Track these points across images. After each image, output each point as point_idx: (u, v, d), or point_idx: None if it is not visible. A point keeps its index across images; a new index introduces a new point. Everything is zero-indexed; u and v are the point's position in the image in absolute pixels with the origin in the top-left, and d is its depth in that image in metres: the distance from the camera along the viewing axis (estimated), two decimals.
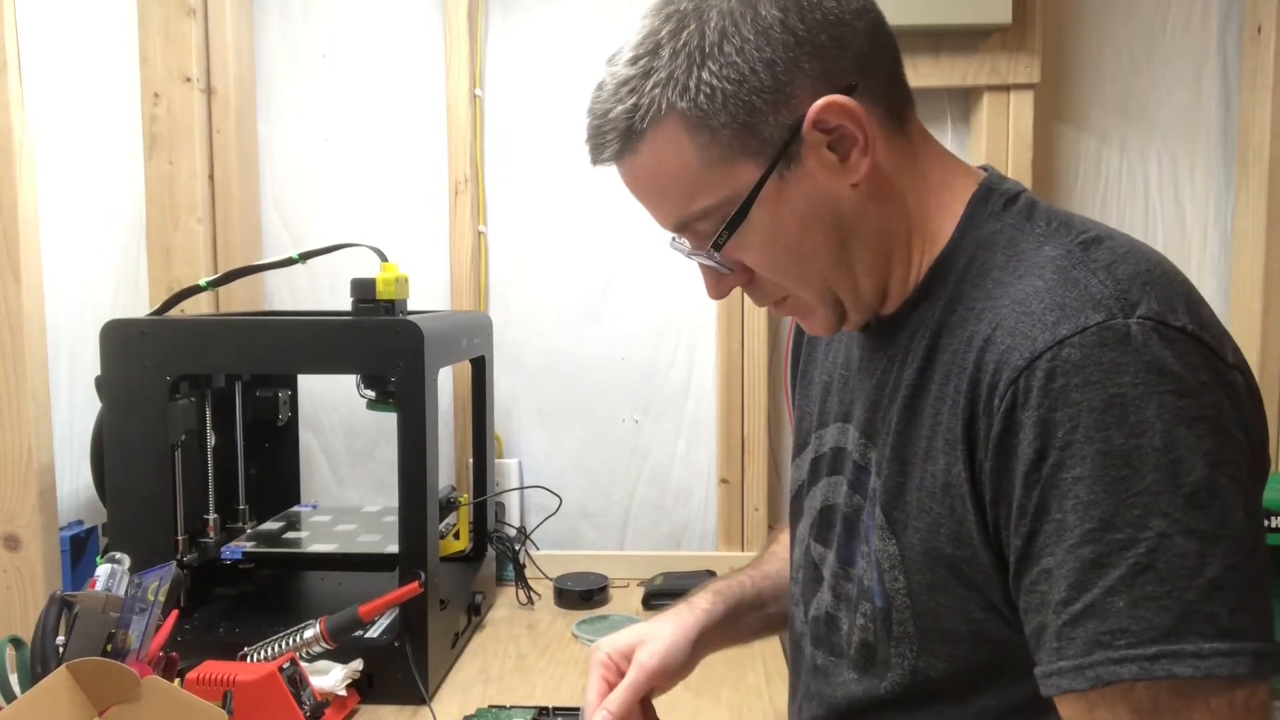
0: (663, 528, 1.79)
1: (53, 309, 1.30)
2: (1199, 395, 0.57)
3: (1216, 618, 0.54)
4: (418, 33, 1.74)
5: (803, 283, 0.73)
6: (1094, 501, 0.56)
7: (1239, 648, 0.54)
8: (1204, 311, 0.62)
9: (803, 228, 0.69)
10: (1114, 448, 0.56)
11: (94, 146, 1.52)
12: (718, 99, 0.66)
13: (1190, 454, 0.56)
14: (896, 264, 0.74)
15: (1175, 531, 0.55)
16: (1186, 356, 0.58)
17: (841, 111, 0.66)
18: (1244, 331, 1.64)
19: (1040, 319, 0.61)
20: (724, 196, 0.69)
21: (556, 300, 1.77)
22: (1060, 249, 0.65)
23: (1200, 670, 0.54)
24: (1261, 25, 1.61)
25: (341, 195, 1.77)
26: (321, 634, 1.11)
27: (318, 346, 1.22)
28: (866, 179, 0.69)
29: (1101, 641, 0.56)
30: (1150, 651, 0.54)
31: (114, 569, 0.95)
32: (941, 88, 1.65)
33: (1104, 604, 0.56)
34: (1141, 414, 0.56)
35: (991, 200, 0.72)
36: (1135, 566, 0.55)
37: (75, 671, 0.76)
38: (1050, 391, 0.58)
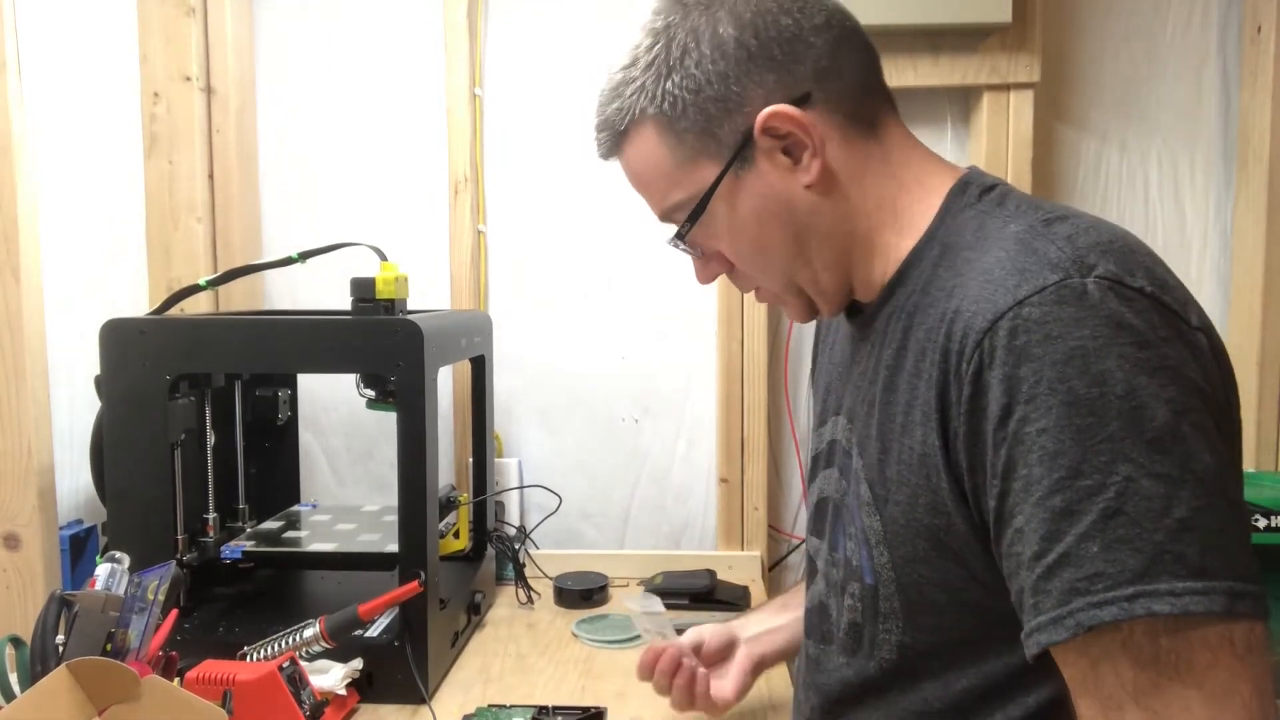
0: (663, 527, 1.79)
1: (53, 309, 1.30)
2: (1159, 347, 0.58)
3: (1186, 557, 0.55)
4: (418, 32, 1.74)
5: (766, 274, 0.81)
6: (1060, 451, 0.57)
7: (1212, 586, 0.55)
8: (1168, 278, 0.63)
9: (760, 223, 0.77)
10: (1077, 397, 0.57)
11: (94, 146, 1.52)
12: (678, 106, 0.75)
13: (1152, 400, 0.57)
14: (859, 259, 0.79)
15: (1141, 475, 0.56)
16: (1145, 314, 0.59)
17: (788, 119, 0.73)
18: (1244, 331, 1.64)
19: (1001, 284, 0.63)
20: (691, 193, 0.77)
21: (556, 300, 1.77)
22: (1023, 225, 0.68)
23: (1176, 607, 0.54)
24: (1261, 25, 1.61)
25: (341, 195, 1.78)
26: (321, 633, 1.11)
27: (318, 346, 1.22)
28: (819, 180, 0.75)
29: (1079, 589, 0.56)
30: (1128, 592, 0.55)
31: (114, 568, 0.95)
32: (941, 88, 1.65)
33: (1077, 551, 0.56)
34: (1102, 364, 0.57)
35: (968, 192, 0.75)
36: (1105, 511, 0.56)
37: (75, 671, 0.76)
38: (1013, 349, 0.60)
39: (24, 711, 0.74)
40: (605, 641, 1.42)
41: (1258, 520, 1.39)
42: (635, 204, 0.86)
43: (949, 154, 1.71)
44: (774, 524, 1.76)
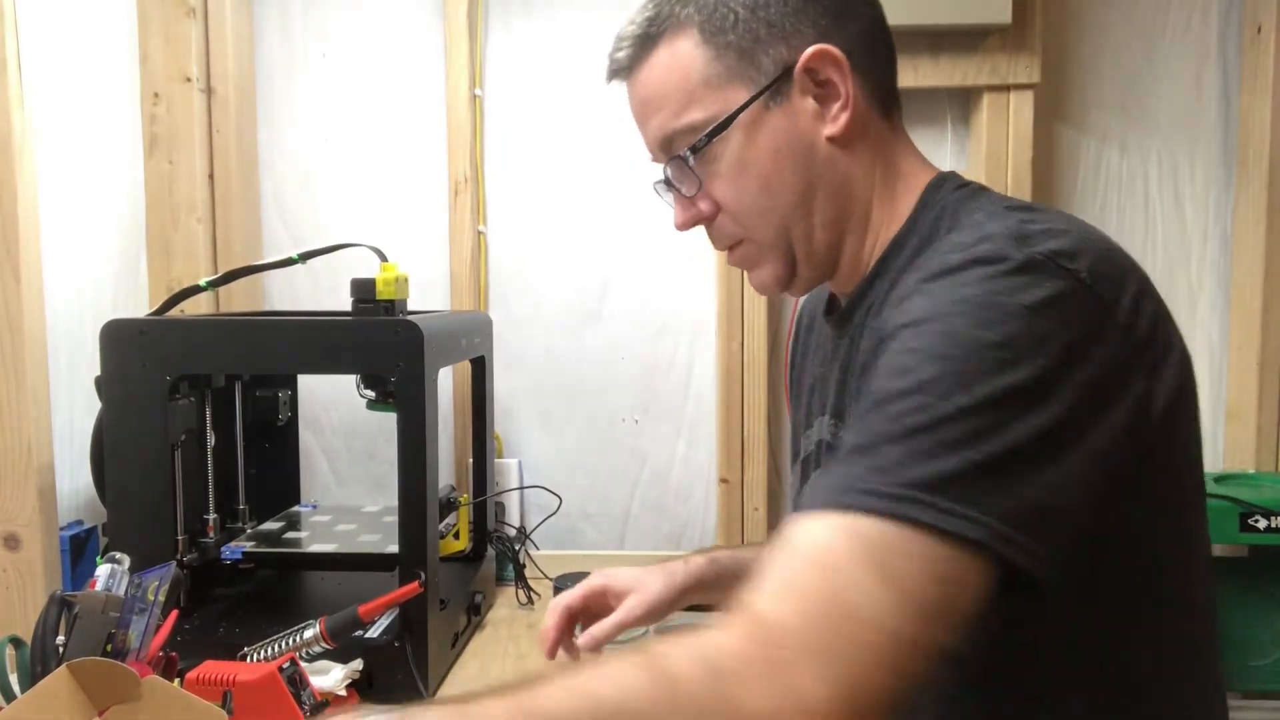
0: (663, 528, 1.79)
1: (53, 309, 1.30)
2: (1065, 318, 0.58)
3: (975, 491, 0.54)
4: (418, 33, 1.74)
5: (763, 219, 0.78)
6: (914, 368, 0.58)
7: (985, 521, 0.54)
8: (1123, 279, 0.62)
9: (774, 162, 0.76)
10: (954, 330, 0.58)
11: (94, 146, 1.52)
12: (729, 19, 0.74)
13: (1024, 359, 0.57)
14: (853, 229, 0.79)
15: (975, 414, 0.56)
16: (1065, 292, 0.59)
17: (833, 64, 0.74)
18: (1244, 331, 1.65)
19: (944, 256, 0.64)
20: (712, 114, 0.75)
21: (556, 300, 1.77)
22: (986, 212, 0.69)
23: (939, 523, 0.53)
24: (1261, 25, 1.61)
25: (341, 195, 1.77)
26: (321, 634, 1.11)
27: (318, 346, 1.22)
28: (842, 135, 0.75)
29: (860, 475, 0.56)
30: (898, 491, 0.54)
31: (114, 569, 0.95)
32: (941, 88, 1.65)
33: (879, 447, 0.56)
34: (994, 313, 0.58)
35: (944, 187, 0.77)
36: (921, 426, 0.56)
37: (76, 671, 0.76)
38: (921, 289, 0.62)
39: (25, 711, 0.74)
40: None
41: (1258, 521, 1.38)
42: (636, 204, 0.86)
43: (949, 154, 1.71)
44: (774, 524, 1.76)
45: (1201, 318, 1.72)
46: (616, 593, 0.96)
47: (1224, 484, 1.48)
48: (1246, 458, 1.65)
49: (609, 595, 0.97)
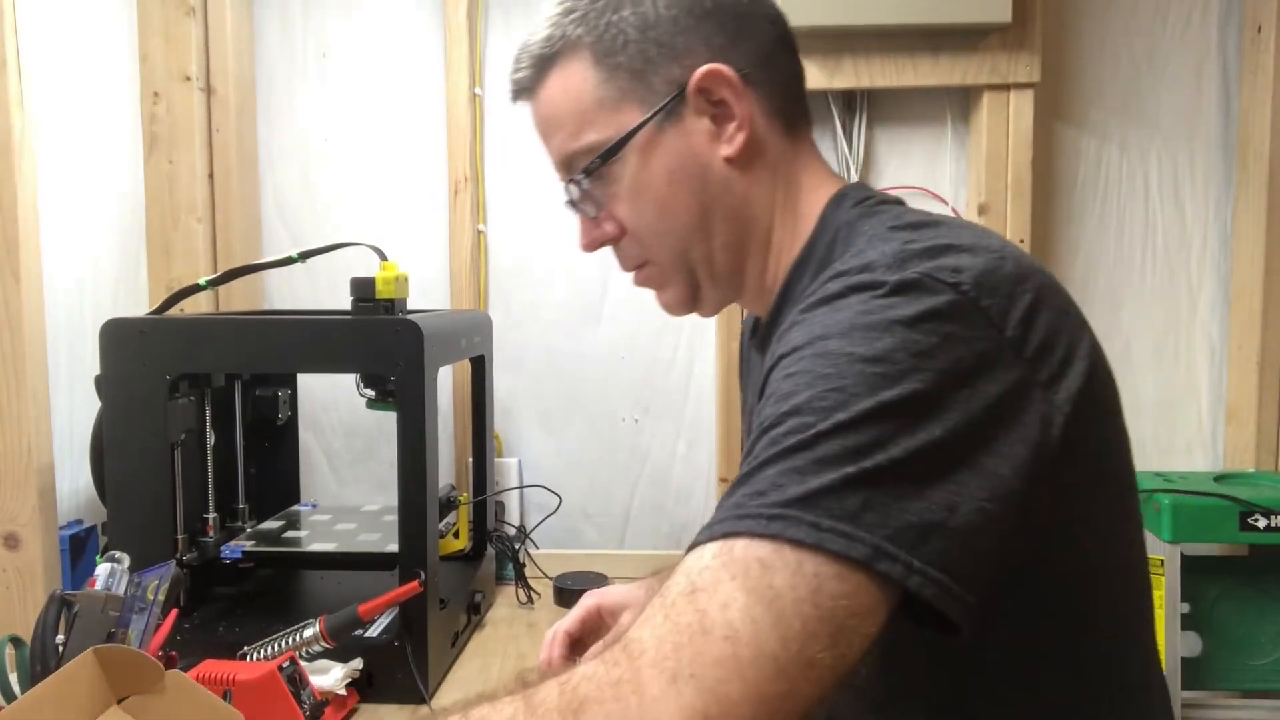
0: (663, 528, 1.79)
1: (53, 309, 1.30)
2: (945, 333, 0.56)
3: (849, 506, 0.51)
4: (418, 33, 1.74)
5: (662, 241, 0.77)
6: (794, 392, 0.56)
7: (859, 535, 0.51)
8: (1012, 291, 0.59)
9: (670, 184, 0.75)
10: (829, 351, 0.57)
11: (94, 146, 1.52)
12: (619, 40, 0.73)
13: (903, 375, 0.55)
14: (755, 250, 0.78)
15: (853, 430, 0.53)
16: (943, 305, 0.57)
17: (725, 84, 0.73)
18: (1244, 331, 1.65)
19: (823, 285, 0.62)
20: (607, 136, 0.75)
21: (556, 300, 1.77)
22: (871, 234, 0.67)
23: (811, 539, 0.50)
24: (1261, 25, 1.61)
25: (341, 195, 1.78)
26: (321, 633, 1.11)
27: (318, 346, 1.22)
28: (739, 156, 0.74)
29: (739, 502, 0.54)
30: (772, 511, 0.52)
31: (114, 568, 0.95)
32: (941, 87, 1.65)
33: (758, 472, 0.54)
34: (868, 333, 0.56)
35: (843, 204, 0.76)
36: (799, 445, 0.54)
37: (101, 657, 0.76)
38: (800, 323, 0.61)
39: (48, 693, 0.74)
40: None
41: (1258, 520, 1.38)
42: None
43: (949, 154, 1.71)
44: None
45: (1201, 318, 1.72)
46: (610, 610, 0.95)
47: (1224, 484, 1.48)
48: (1246, 458, 1.65)
49: (603, 614, 0.96)
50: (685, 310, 0.82)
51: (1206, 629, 1.48)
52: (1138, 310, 1.72)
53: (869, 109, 1.69)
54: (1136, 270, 1.72)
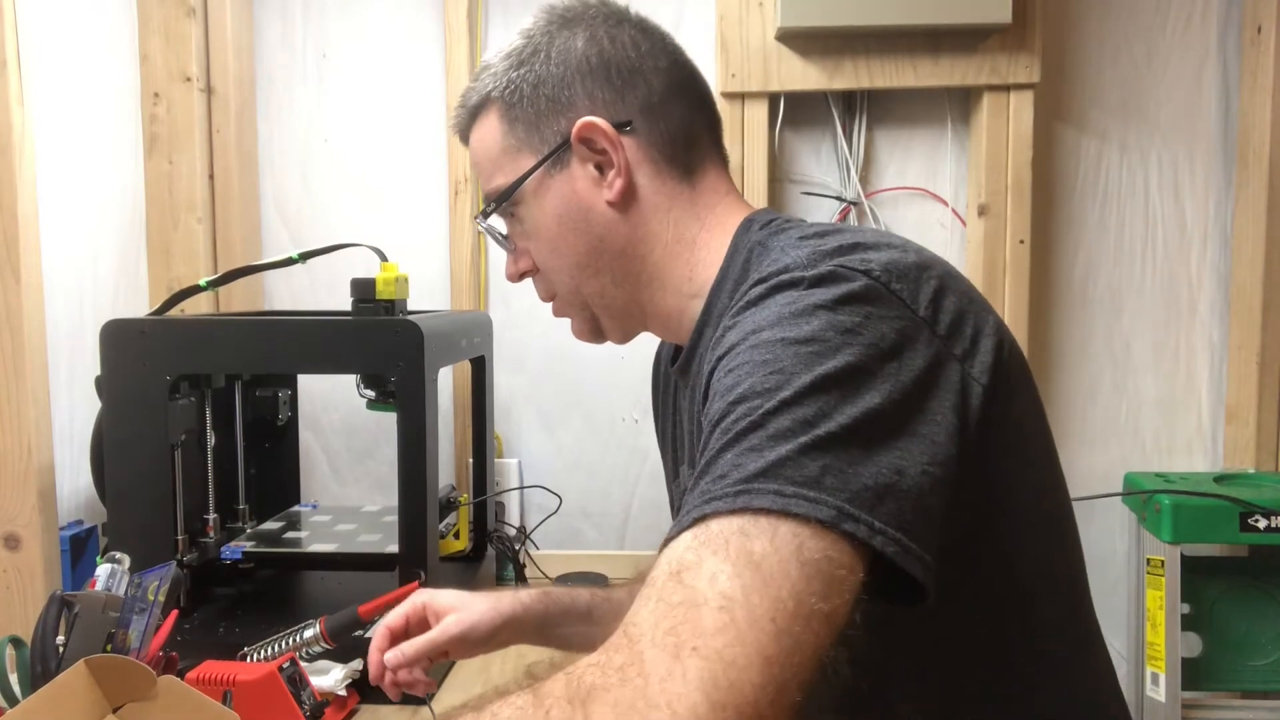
0: (663, 527, 1.77)
1: (53, 309, 1.30)
2: (866, 313, 0.60)
3: (807, 470, 0.53)
4: (418, 33, 1.74)
5: (559, 277, 0.85)
6: (737, 383, 0.59)
7: (823, 498, 0.52)
8: (918, 278, 0.64)
9: (559, 225, 0.82)
10: (763, 340, 0.60)
11: (94, 146, 1.52)
12: (518, 94, 0.82)
13: (835, 350, 0.58)
14: (648, 285, 0.83)
15: (796, 403, 0.56)
16: (855, 290, 0.61)
17: (601, 133, 0.79)
18: (1244, 331, 1.65)
19: (746, 292, 0.66)
20: (509, 181, 0.83)
21: None
22: (781, 245, 0.71)
23: (777, 505, 0.52)
24: (1261, 25, 1.61)
25: (341, 195, 1.77)
26: (321, 634, 1.10)
27: (318, 346, 1.22)
28: (619, 200, 0.80)
29: (703, 490, 0.55)
30: (736, 488, 0.54)
31: (114, 569, 0.95)
32: (941, 88, 1.65)
33: (716, 459, 0.56)
34: (795, 319, 0.60)
35: (750, 230, 0.79)
36: (750, 425, 0.56)
37: (93, 667, 0.76)
38: (731, 327, 0.64)
39: (41, 705, 0.74)
40: None
41: (1258, 520, 1.38)
42: None
43: (949, 154, 1.71)
44: None
45: (1201, 318, 1.72)
46: (436, 611, 0.96)
47: (1224, 484, 1.48)
48: (1246, 458, 1.65)
49: (429, 613, 0.96)
50: (593, 340, 0.89)
51: (1206, 629, 1.48)
52: (1138, 310, 1.72)
53: (869, 109, 1.69)
54: (1136, 270, 1.72)
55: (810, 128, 1.70)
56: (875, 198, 1.71)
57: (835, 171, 1.70)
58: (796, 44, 1.61)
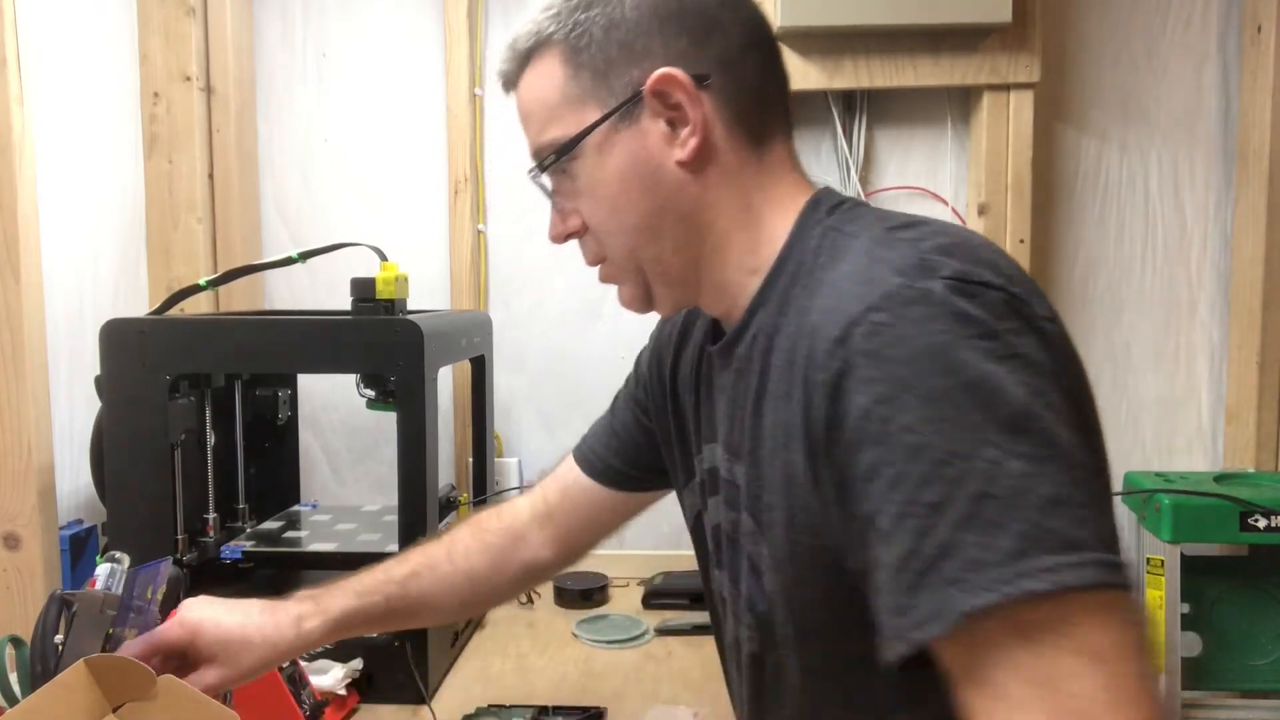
0: (663, 527, 1.78)
1: (53, 309, 1.30)
2: (1007, 337, 0.58)
3: (1057, 532, 0.54)
4: (418, 33, 1.74)
5: (613, 240, 0.79)
6: (924, 445, 0.56)
7: (1085, 558, 0.53)
8: (1013, 272, 0.63)
9: (621, 184, 0.75)
10: (934, 391, 0.57)
11: (93, 146, 1.52)
12: (585, 38, 0.74)
13: (1006, 385, 0.56)
14: (709, 255, 0.77)
15: (1005, 458, 0.55)
16: (991, 306, 0.59)
17: (680, 88, 0.72)
18: (1244, 331, 1.65)
19: (850, 293, 0.63)
20: (568, 133, 0.76)
21: (556, 300, 1.77)
22: (870, 236, 0.68)
23: (1051, 583, 0.53)
24: (1261, 25, 1.61)
25: (341, 195, 1.78)
26: None
27: (318, 346, 1.22)
28: (692, 161, 0.74)
29: (957, 578, 0.55)
30: (1005, 573, 0.53)
31: (113, 568, 0.95)
32: (941, 88, 1.65)
33: (952, 541, 0.55)
34: (954, 357, 0.57)
35: (817, 210, 0.75)
36: (974, 496, 0.55)
37: (92, 667, 0.76)
38: (866, 353, 0.60)
39: (40, 705, 0.74)
40: (605, 641, 1.42)
41: (1258, 520, 1.38)
42: None
43: (949, 154, 1.71)
44: None
45: (1201, 318, 1.72)
46: (199, 650, 0.87)
47: (1224, 484, 1.48)
48: (1246, 458, 1.65)
49: (194, 649, 0.88)
50: (641, 308, 0.83)
51: (1206, 629, 1.48)
52: (1138, 310, 1.72)
53: (869, 109, 1.69)
54: (1136, 270, 1.72)
55: (810, 127, 1.70)
56: (875, 197, 1.71)
57: (835, 171, 1.70)
58: (796, 43, 1.61)
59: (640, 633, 1.44)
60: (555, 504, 1.04)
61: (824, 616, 0.69)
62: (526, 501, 1.05)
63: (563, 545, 1.04)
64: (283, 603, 0.93)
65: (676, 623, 1.46)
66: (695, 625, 1.45)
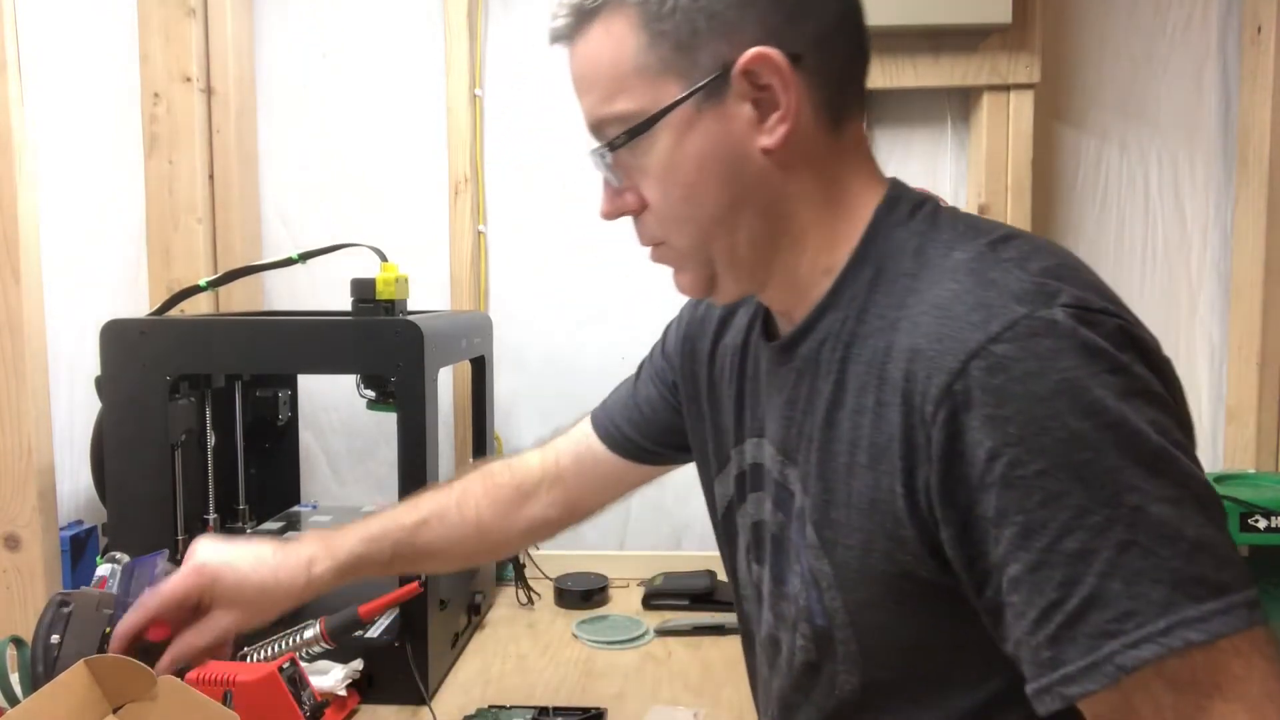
0: (663, 528, 1.79)
1: (53, 309, 1.30)
2: (1131, 369, 0.58)
3: (1206, 579, 0.54)
4: (418, 33, 1.74)
5: (683, 228, 0.72)
6: (1064, 491, 0.55)
7: (1232, 601, 0.53)
8: (1111, 293, 0.63)
9: (700, 169, 0.69)
10: (1071, 432, 0.55)
11: (94, 146, 1.52)
12: (668, 6, 0.66)
13: (1140, 425, 0.56)
14: (785, 249, 0.72)
15: (1148, 503, 0.54)
16: (1112, 336, 0.58)
17: (774, 70, 0.66)
18: (1244, 331, 1.65)
19: (966, 320, 0.59)
20: (640, 106, 0.68)
21: (556, 300, 1.77)
22: (970, 252, 0.64)
23: (1208, 633, 0.53)
24: (1261, 25, 1.61)
25: (341, 195, 1.77)
26: (321, 634, 1.10)
27: (318, 346, 1.22)
28: (779, 149, 0.68)
29: (1109, 631, 0.54)
30: (1160, 626, 0.53)
31: (114, 569, 0.95)
32: (941, 88, 1.65)
33: (1102, 592, 0.54)
34: (1089, 395, 0.55)
35: (897, 208, 0.71)
36: (1120, 545, 0.54)
37: (93, 667, 0.76)
38: (992, 389, 0.57)
39: (41, 706, 0.74)
40: (605, 642, 1.42)
41: (1258, 520, 1.38)
42: None
43: (949, 154, 1.71)
44: None
45: (1201, 318, 1.72)
46: (216, 596, 0.86)
47: (1224, 484, 1.48)
48: (1246, 458, 1.65)
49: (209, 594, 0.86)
50: (700, 295, 0.77)
51: None
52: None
53: (869, 109, 1.69)
54: (1136, 270, 1.72)
55: None
56: None
57: None
58: None
59: (640, 633, 1.44)
60: (567, 467, 1.04)
61: (894, 638, 0.68)
62: (538, 458, 1.05)
63: (570, 508, 1.04)
64: (294, 545, 0.93)
65: (676, 623, 1.46)
66: (695, 626, 1.45)
